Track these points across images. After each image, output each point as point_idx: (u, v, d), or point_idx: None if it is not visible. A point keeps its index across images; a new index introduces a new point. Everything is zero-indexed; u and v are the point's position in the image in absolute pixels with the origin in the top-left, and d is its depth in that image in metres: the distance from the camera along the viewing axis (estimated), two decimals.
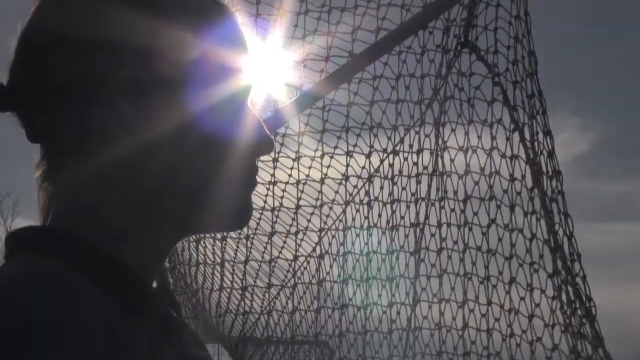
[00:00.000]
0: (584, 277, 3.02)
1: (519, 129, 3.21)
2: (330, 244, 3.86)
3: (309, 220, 3.86)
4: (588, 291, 2.99)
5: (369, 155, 3.75)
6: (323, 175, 3.78)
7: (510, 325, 3.16)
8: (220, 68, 0.89)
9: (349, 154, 3.74)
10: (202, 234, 3.47)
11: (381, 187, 3.73)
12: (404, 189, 3.65)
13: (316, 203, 3.81)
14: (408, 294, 3.60)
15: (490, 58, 3.32)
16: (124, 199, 0.87)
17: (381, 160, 3.73)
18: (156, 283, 0.93)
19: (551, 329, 3.01)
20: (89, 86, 0.84)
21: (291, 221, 3.84)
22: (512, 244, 3.18)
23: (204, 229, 1.01)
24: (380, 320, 3.67)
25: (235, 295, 4.11)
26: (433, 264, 3.48)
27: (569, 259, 3.03)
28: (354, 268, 3.80)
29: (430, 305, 3.50)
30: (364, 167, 3.77)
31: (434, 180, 3.53)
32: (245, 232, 3.85)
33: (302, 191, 3.80)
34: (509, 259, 3.17)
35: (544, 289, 3.05)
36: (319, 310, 3.83)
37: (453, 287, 3.40)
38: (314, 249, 3.91)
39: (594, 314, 2.97)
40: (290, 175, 3.85)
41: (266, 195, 3.82)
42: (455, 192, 3.43)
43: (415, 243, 3.58)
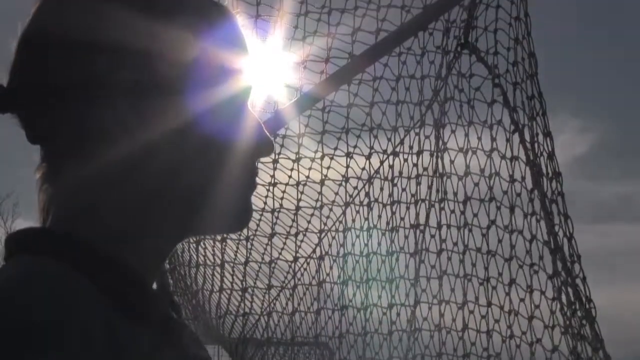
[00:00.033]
0: (584, 279, 3.02)
1: (519, 130, 3.21)
2: (330, 245, 3.86)
3: (309, 222, 3.86)
4: (588, 292, 2.99)
5: (369, 157, 3.75)
6: (323, 177, 3.78)
7: (510, 326, 3.16)
8: (220, 69, 0.89)
9: (349, 155, 3.74)
10: (202, 236, 3.47)
11: (381, 189, 3.73)
12: (404, 190, 3.65)
13: (316, 204, 3.81)
14: (408, 295, 3.60)
15: (491, 59, 3.33)
16: (124, 199, 0.87)
17: (381, 162, 3.73)
18: (156, 284, 0.93)
19: (551, 331, 3.01)
20: (90, 87, 0.85)
21: (291, 222, 3.84)
22: (512, 246, 3.18)
23: (203, 231, 1.01)
24: (380, 322, 3.67)
25: (235, 296, 4.12)
26: (433, 266, 3.48)
27: (569, 260, 3.03)
28: (354, 269, 3.79)
29: (430, 306, 3.50)
30: (364, 169, 3.77)
31: (434, 181, 3.54)
32: (245, 234, 3.84)
33: (302, 192, 3.80)
34: (509, 260, 3.17)
35: (543, 291, 3.05)
36: (319, 312, 3.83)
37: (453, 289, 3.40)
38: (313, 250, 3.91)
39: (594, 316, 2.98)
40: (290, 177, 3.84)
41: (266, 196, 3.82)
42: (455, 194, 3.43)
43: (415, 244, 3.58)
